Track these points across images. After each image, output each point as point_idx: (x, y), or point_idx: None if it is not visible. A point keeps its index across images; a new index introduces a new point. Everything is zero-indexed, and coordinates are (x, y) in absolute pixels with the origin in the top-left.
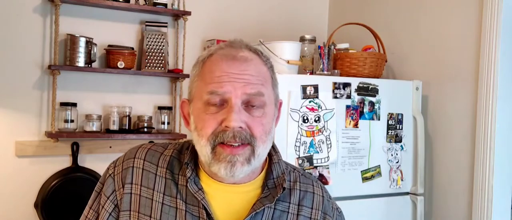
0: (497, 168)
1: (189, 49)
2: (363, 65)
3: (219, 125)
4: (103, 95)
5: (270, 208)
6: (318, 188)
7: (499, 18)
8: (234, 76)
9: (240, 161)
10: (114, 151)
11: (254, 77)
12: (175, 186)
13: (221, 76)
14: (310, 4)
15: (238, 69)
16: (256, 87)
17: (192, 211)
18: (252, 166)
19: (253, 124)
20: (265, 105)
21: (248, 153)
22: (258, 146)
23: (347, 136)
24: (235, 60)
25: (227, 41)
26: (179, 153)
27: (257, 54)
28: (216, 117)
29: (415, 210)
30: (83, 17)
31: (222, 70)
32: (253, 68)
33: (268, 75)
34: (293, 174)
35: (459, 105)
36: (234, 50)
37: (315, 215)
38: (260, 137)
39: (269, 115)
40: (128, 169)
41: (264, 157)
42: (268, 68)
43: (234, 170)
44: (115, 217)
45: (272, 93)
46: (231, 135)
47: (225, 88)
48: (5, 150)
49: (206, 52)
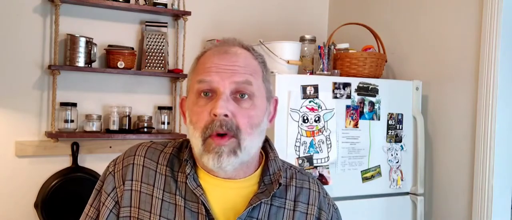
0: (497, 168)
1: (189, 49)
2: (363, 65)
3: (209, 115)
4: (103, 95)
5: (267, 204)
6: (314, 184)
7: (499, 18)
8: (223, 67)
9: (225, 152)
10: (114, 151)
11: (242, 68)
12: (174, 183)
13: (210, 67)
14: (310, 4)
15: (228, 61)
16: (244, 76)
17: (191, 207)
18: (239, 159)
19: (239, 114)
20: (254, 96)
21: (234, 145)
22: (243, 138)
23: (347, 136)
24: (226, 54)
25: (222, 39)
26: (179, 151)
27: (248, 50)
28: (207, 109)
29: (415, 210)
30: (83, 17)
31: (212, 62)
32: (242, 60)
33: (258, 69)
34: (289, 171)
35: (459, 105)
36: (226, 47)
37: (311, 210)
38: (245, 129)
39: (258, 108)
40: (129, 166)
41: (253, 150)
42: (259, 62)
43: (221, 161)
44: (116, 213)
45: (262, 86)
46: (218, 124)
47: (213, 77)
48: (5, 150)
49: (202, 50)
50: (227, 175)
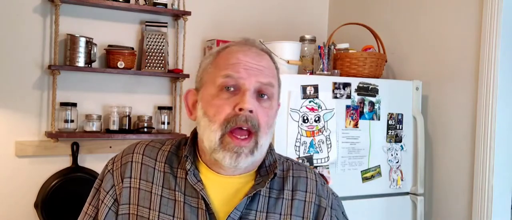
0: (497, 168)
1: (189, 49)
2: (363, 65)
3: (232, 109)
4: (103, 95)
5: (265, 196)
6: (311, 173)
7: (499, 18)
8: (249, 65)
9: (245, 152)
10: (114, 151)
11: (266, 69)
12: (173, 179)
13: (236, 63)
14: (310, 4)
15: (253, 59)
16: (268, 78)
17: (191, 202)
18: (254, 157)
19: (260, 112)
20: (273, 97)
21: (253, 145)
22: (261, 136)
23: (347, 136)
24: (250, 52)
25: (242, 39)
26: (177, 149)
27: (268, 54)
28: (229, 103)
29: (415, 210)
30: (83, 17)
31: (237, 58)
32: (266, 62)
33: (276, 74)
34: (286, 163)
35: (459, 105)
36: (249, 45)
37: (310, 198)
38: (263, 128)
39: (273, 109)
40: (127, 163)
41: (265, 149)
42: (275, 67)
43: (238, 160)
44: (115, 211)
45: (277, 91)
46: (243, 119)
47: (241, 73)
48: (5, 150)
49: (221, 46)
50: (228, 172)
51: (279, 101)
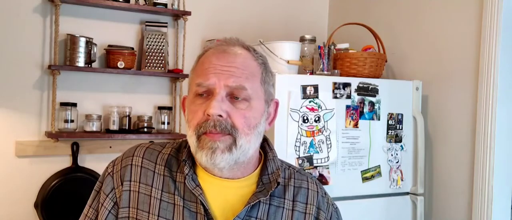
0: (497, 168)
1: (189, 49)
2: (363, 65)
3: (203, 115)
4: (103, 95)
5: (266, 204)
6: (313, 184)
7: (499, 18)
8: (220, 68)
9: (220, 148)
10: (114, 151)
11: (239, 70)
12: (173, 183)
13: (208, 68)
14: (310, 4)
15: (226, 61)
16: (239, 81)
17: (190, 206)
18: (234, 156)
19: (235, 114)
20: (250, 98)
21: (229, 142)
22: (239, 137)
23: (347, 136)
24: (225, 54)
25: (223, 39)
26: (177, 152)
27: (249, 50)
28: (202, 108)
29: (415, 210)
30: (83, 17)
31: (210, 62)
32: (241, 61)
33: (257, 70)
34: (288, 171)
35: (459, 105)
36: (226, 46)
37: (310, 210)
38: (242, 129)
39: (255, 110)
40: (127, 167)
41: (250, 151)
42: (258, 64)
43: (214, 157)
44: (115, 214)
45: (260, 89)
46: (212, 124)
47: (211, 80)
48: (5, 150)
49: (203, 49)
50: (225, 175)
51: (274, 96)
